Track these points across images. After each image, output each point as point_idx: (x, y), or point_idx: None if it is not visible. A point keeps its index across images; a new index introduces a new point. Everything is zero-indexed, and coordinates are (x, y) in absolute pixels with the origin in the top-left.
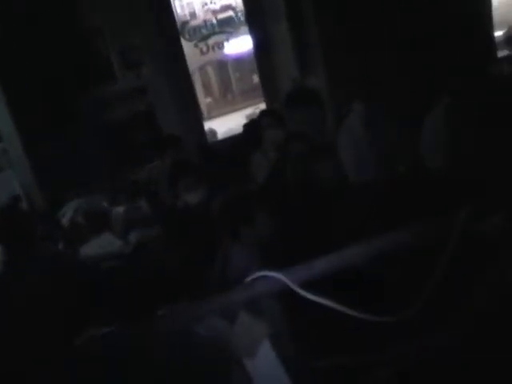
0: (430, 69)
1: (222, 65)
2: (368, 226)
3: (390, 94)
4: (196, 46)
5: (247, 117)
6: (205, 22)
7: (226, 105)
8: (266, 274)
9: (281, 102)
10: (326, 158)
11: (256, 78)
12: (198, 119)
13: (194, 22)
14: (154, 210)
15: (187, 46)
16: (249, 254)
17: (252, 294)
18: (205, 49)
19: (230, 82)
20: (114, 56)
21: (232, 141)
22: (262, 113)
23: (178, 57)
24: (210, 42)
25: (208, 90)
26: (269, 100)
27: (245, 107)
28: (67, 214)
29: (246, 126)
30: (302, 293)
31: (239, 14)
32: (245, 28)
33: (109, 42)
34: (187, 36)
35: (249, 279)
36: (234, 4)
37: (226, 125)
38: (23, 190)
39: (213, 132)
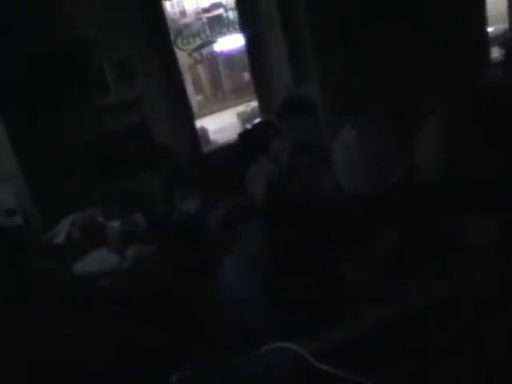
0: (423, 76)
1: (213, 62)
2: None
3: (385, 104)
4: (190, 55)
5: (238, 114)
6: (198, 30)
7: (216, 102)
8: (281, 345)
9: (276, 111)
10: (325, 169)
11: (247, 76)
12: (191, 123)
13: (184, 21)
14: (150, 223)
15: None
16: (245, 268)
17: (265, 365)
18: (198, 58)
19: (220, 80)
20: (107, 66)
21: (226, 150)
22: (261, 123)
23: (171, 65)
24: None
25: (198, 88)
26: (262, 101)
27: (236, 105)
28: (62, 229)
29: (241, 136)
30: (321, 366)
31: (229, 13)
32: (235, 26)
33: (101, 53)
34: (181, 45)
35: (262, 350)
36: (224, 2)
37: (217, 123)
38: (18, 203)
39: (204, 130)
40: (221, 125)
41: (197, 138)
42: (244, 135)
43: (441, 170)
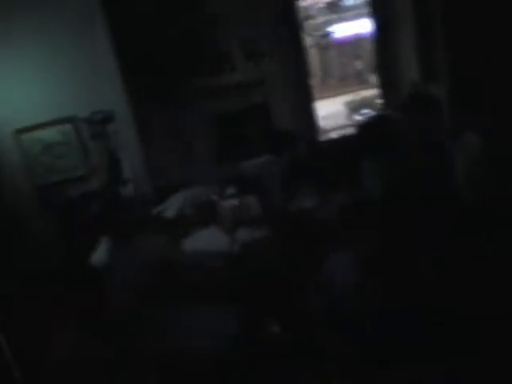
0: None
1: (325, 47)
2: None
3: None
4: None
5: (346, 103)
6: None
7: (326, 88)
8: None
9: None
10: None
11: (359, 65)
12: (312, 109)
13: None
14: (264, 208)
15: None
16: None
17: None
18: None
19: (332, 66)
20: (235, 45)
21: (343, 141)
22: (380, 117)
23: (299, 48)
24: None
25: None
26: (382, 92)
27: (345, 93)
28: (174, 205)
29: (360, 128)
30: None
31: None
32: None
33: (230, 30)
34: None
35: None
36: None
37: (325, 109)
38: (132, 175)
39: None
40: (329, 111)
41: (317, 125)
42: (363, 127)
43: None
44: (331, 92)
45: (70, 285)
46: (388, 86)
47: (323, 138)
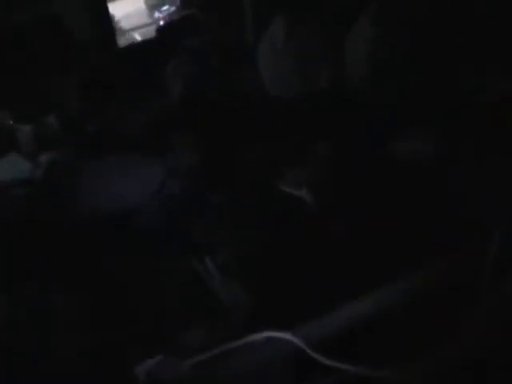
0: None
1: None
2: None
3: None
4: None
5: (145, 1)
6: None
7: None
8: (273, 335)
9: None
10: (247, 69)
11: None
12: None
13: None
14: (64, 127)
15: None
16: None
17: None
18: None
19: None
20: None
21: (145, 46)
22: (183, 18)
23: None
24: None
25: None
26: None
27: None
28: None
29: (160, 31)
30: (318, 357)
31: None
32: None
33: None
34: None
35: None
36: None
37: (124, 8)
38: None
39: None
40: (128, 11)
41: (112, 29)
42: (163, 29)
43: (369, 75)
44: None
45: None
46: None
47: (122, 41)
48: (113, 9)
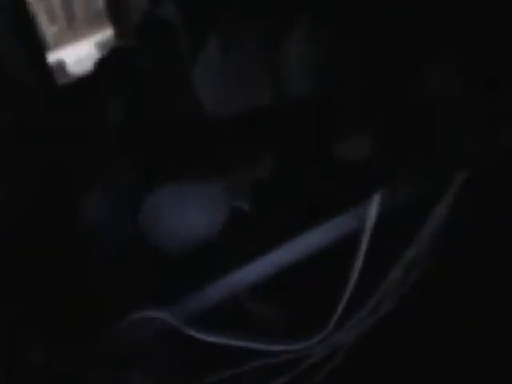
0: None
1: None
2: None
3: (246, 18)
4: None
5: (96, 44)
6: None
7: (73, 32)
8: (148, 314)
9: (131, 34)
10: (185, 91)
11: (101, 2)
12: (42, 56)
13: None
14: None
15: None
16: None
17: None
18: None
19: (74, 7)
20: None
21: (84, 80)
22: (113, 50)
23: None
24: None
25: (52, 18)
26: (117, 29)
27: (93, 34)
28: None
29: (96, 65)
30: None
31: None
32: None
33: None
34: None
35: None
36: None
37: (75, 54)
38: None
39: (61, 63)
40: (80, 56)
41: (49, 70)
42: (98, 63)
43: (309, 85)
44: (79, 35)
45: None
46: (120, 18)
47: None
48: (64, 54)
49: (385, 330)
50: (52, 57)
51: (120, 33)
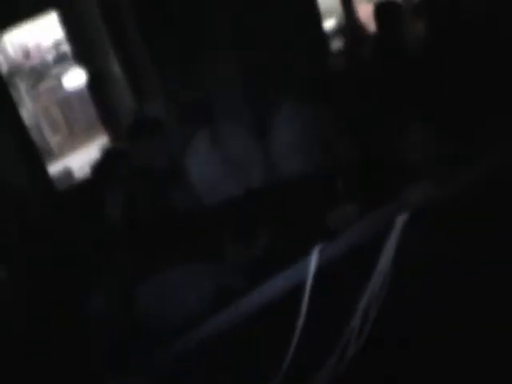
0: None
1: (65, 100)
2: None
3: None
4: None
5: (99, 149)
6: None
7: (75, 140)
8: None
9: (123, 136)
10: (179, 184)
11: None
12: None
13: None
14: None
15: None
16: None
17: None
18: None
19: (75, 116)
20: None
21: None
22: (106, 153)
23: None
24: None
25: (55, 128)
26: (112, 134)
27: (95, 140)
28: None
29: (93, 170)
30: None
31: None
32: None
33: None
34: None
35: None
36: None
37: (82, 159)
38: None
39: (68, 171)
40: (86, 161)
41: (49, 179)
42: (93, 167)
43: (296, 165)
44: (82, 142)
45: None
46: (112, 122)
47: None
48: (69, 161)
49: None
50: (58, 165)
51: (114, 136)
